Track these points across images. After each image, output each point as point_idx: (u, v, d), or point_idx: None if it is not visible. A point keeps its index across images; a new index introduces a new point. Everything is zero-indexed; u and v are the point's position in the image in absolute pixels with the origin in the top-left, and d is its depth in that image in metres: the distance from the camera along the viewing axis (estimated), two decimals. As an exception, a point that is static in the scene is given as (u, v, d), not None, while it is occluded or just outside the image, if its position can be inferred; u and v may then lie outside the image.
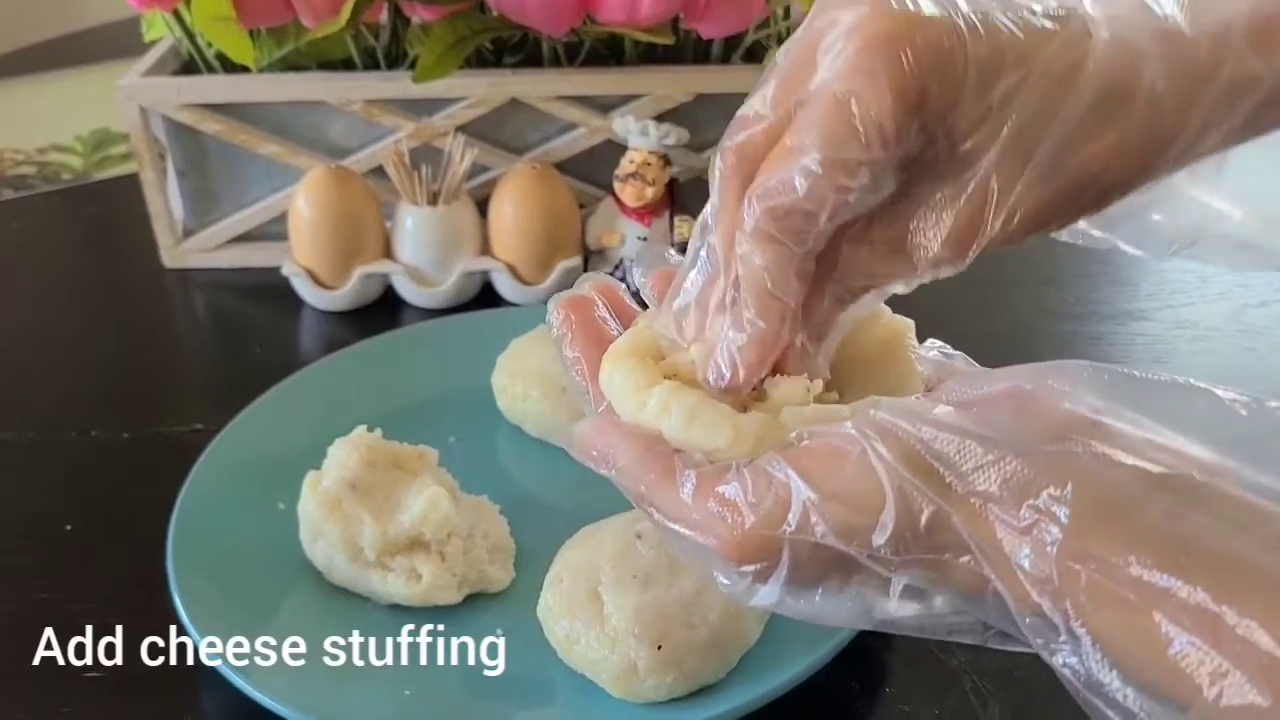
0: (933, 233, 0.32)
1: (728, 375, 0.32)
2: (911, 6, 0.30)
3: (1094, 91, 0.31)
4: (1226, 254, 0.38)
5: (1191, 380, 0.28)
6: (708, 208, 0.33)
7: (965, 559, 0.28)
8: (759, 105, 0.32)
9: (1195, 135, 0.33)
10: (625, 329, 0.36)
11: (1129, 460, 0.26)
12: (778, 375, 0.33)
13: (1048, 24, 0.31)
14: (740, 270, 0.31)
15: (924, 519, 0.28)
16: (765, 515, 0.29)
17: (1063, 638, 0.26)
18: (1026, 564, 0.26)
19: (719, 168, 0.32)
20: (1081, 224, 0.35)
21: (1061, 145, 0.31)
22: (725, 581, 0.31)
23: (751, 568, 0.30)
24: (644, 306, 0.37)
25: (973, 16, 0.30)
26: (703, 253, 0.33)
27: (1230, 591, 0.24)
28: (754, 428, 0.31)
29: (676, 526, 0.31)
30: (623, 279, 0.39)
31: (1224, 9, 0.32)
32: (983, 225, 0.32)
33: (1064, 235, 0.36)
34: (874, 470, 0.28)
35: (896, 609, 0.30)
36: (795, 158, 0.30)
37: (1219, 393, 0.28)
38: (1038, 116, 0.31)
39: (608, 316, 0.36)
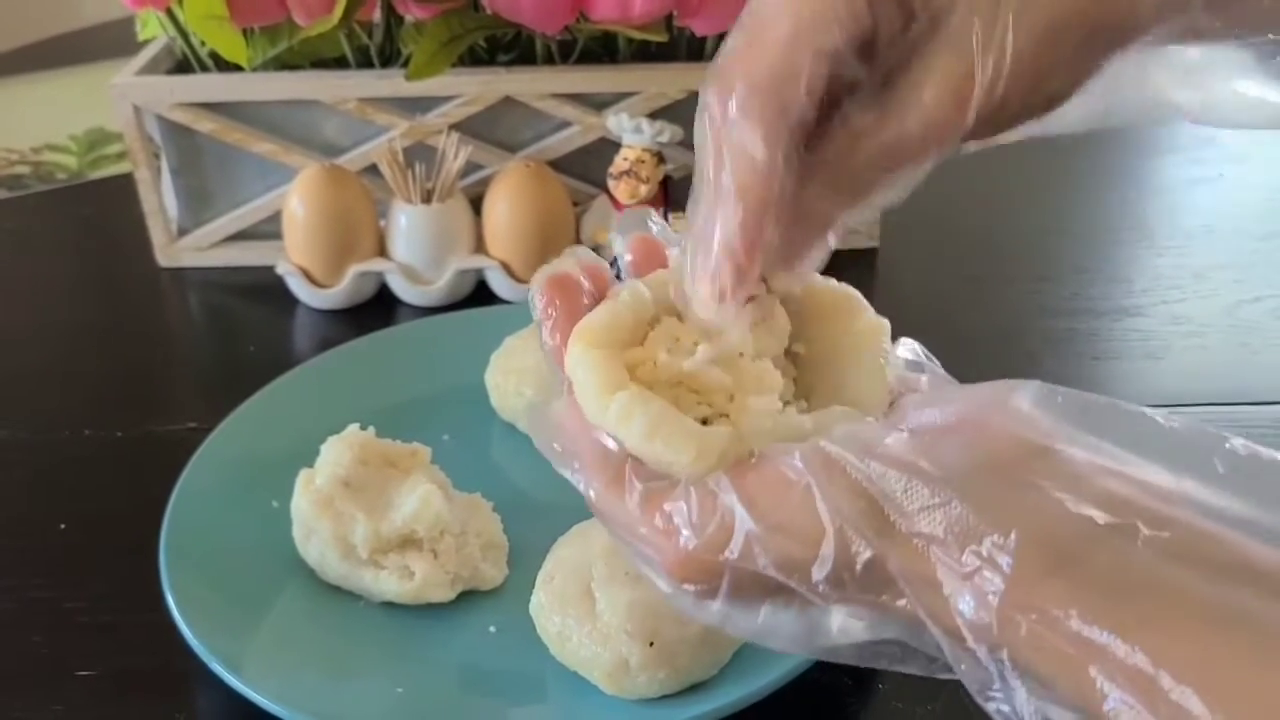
0: (926, 87, 0.31)
1: (722, 273, 0.31)
2: None
3: None
4: (1245, 111, 0.36)
5: (1143, 408, 0.28)
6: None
7: (902, 602, 0.28)
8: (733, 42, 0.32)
9: None
10: None
11: (1076, 506, 0.26)
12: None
13: None
14: (726, 158, 0.30)
15: (860, 562, 0.27)
16: (708, 540, 0.29)
17: (996, 686, 0.26)
18: (967, 611, 0.26)
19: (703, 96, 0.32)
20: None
21: None
22: (669, 594, 0.31)
23: (693, 587, 0.30)
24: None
25: None
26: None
27: (1169, 653, 0.24)
28: (718, 444, 0.30)
29: (623, 535, 0.31)
30: (617, 276, 0.37)
31: None
32: (976, 73, 0.31)
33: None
34: (818, 506, 0.28)
35: (839, 638, 0.30)
36: (769, 34, 0.30)
37: (1159, 420, 0.28)
38: None
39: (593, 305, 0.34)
